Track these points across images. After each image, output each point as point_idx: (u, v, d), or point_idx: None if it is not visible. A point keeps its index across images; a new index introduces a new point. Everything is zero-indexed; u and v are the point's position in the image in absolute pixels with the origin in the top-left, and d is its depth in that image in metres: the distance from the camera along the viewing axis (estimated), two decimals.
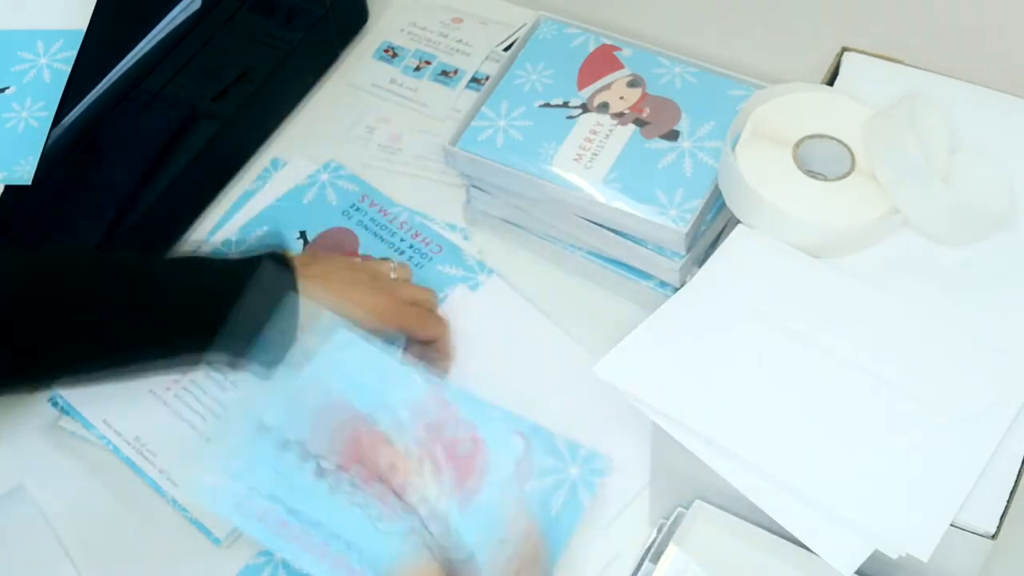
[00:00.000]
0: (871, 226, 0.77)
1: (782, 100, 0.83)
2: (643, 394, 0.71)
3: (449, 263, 0.96)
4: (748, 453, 0.68)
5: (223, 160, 1.04)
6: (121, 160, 0.93)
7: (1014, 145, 0.80)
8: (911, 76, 0.84)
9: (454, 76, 1.09)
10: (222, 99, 1.01)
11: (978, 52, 0.87)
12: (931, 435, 0.68)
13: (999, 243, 0.76)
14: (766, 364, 0.72)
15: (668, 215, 0.85)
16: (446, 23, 1.13)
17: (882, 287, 0.75)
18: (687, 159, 0.88)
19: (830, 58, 0.86)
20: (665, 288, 0.90)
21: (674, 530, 0.75)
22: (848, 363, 0.71)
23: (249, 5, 0.99)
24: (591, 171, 0.88)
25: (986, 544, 0.65)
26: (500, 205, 0.95)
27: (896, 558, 0.65)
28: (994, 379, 0.70)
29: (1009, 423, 0.68)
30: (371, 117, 1.08)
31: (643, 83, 0.92)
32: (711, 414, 0.70)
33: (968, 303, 0.74)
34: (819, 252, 0.77)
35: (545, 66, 0.94)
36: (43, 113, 0.85)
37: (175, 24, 0.93)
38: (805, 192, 0.78)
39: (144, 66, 0.91)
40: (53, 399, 0.90)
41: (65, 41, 0.88)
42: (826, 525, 0.66)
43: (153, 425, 0.88)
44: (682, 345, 0.74)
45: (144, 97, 0.92)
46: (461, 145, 0.91)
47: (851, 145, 0.80)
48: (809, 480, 0.67)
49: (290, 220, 0.99)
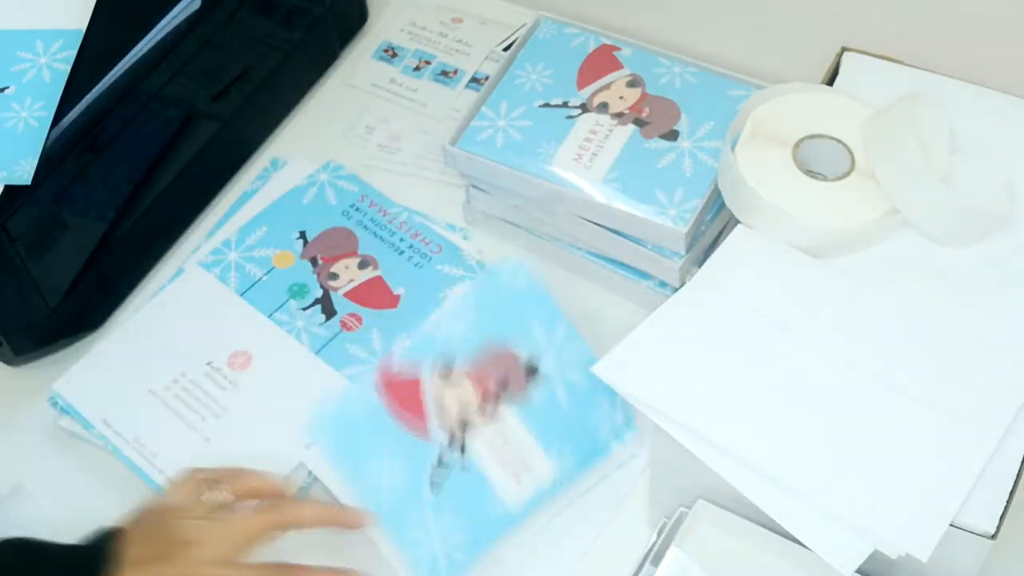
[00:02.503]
0: (871, 226, 0.77)
1: (782, 100, 0.83)
2: (643, 394, 0.71)
3: (449, 263, 0.96)
4: (748, 453, 0.68)
5: (223, 160, 1.04)
6: (121, 160, 0.93)
7: (1014, 145, 0.80)
8: (911, 76, 0.84)
9: (454, 76, 1.09)
10: (222, 99, 1.01)
11: (978, 52, 0.87)
12: (931, 435, 0.68)
13: (999, 243, 0.76)
14: (765, 364, 0.72)
15: (668, 215, 0.85)
16: (446, 23, 1.13)
17: (882, 287, 0.75)
18: (687, 159, 0.88)
19: (830, 58, 0.86)
20: (665, 288, 0.90)
21: (675, 531, 0.75)
22: (847, 363, 0.71)
23: (249, 5, 0.99)
24: (591, 171, 0.88)
25: (986, 544, 0.65)
26: (500, 205, 0.95)
27: (896, 558, 0.65)
28: (994, 379, 0.70)
29: (1009, 423, 0.68)
30: (371, 117, 1.08)
31: (643, 83, 0.92)
32: (711, 414, 0.70)
33: (968, 303, 0.74)
34: (819, 252, 0.77)
35: (545, 66, 0.94)
36: (43, 113, 0.85)
37: (175, 24, 0.93)
38: (805, 192, 0.78)
39: (144, 66, 0.91)
40: (53, 399, 0.90)
41: (65, 41, 0.88)
42: (826, 525, 0.66)
43: (153, 425, 0.88)
44: (682, 345, 0.74)
45: (144, 97, 0.92)
46: (461, 145, 0.91)
47: (851, 145, 0.80)
48: (809, 480, 0.67)
49: (289, 220, 0.99)
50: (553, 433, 0.82)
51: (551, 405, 0.83)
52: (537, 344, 0.83)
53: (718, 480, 0.69)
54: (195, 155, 0.99)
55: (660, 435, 0.71)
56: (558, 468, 0.82)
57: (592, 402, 0.83)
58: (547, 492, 0.82)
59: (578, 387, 0.83)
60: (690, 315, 0.75)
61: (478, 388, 0.83)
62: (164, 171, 0.97)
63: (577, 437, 0.83)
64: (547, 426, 0.82)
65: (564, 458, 0.82)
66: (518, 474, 0.81)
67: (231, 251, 0.98)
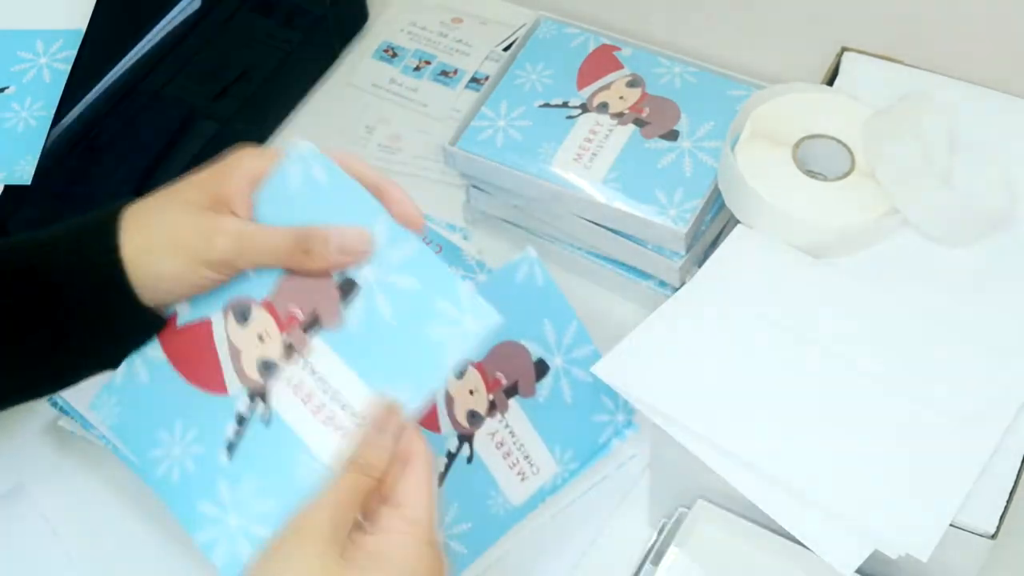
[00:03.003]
0: (871, 226, 0.77)
1: (782, 100, 0.83)
2: (643, 394, 0.71)
3: (449, 263, 0.96)
4: (748, 453, 0.68)
5: None
6: (121, 160, 0.93)
7: (1014, 145, 0.80)
8: (911, 76, 0.84)
9: (454, 76, 1.09)
10: (222, 99, 1.01)
11: (978, 52, 0.87)
12: (931, 435, 0.68)
13: (999, 243, 0.76)
14: (765, 364, 0.72)
15: (668, 215, 0.85)
16: (446, 23, 1.13)
17: (882, 287, 0.75)
18: (687, 159, 0.88)
19: (830, 58, 0.86)
20: (665, 288, 0.90)
21: (676, 530, 0.75)
22: (847, 363, 0.71)
23: (249, 5, 1.00)
24: (591, 171, 0.88)
25: (986, 544, 0.65)
26: (500, 205, 0.95)
27: (896, 558, 0.65)
28: (994, 379, 0.70)
29: (1009, 423, 0.68)
30: (371, 117, 1.08)
31: (643, 83, 0.92)
32: (711, 414, 0.70)
33: (968, 303, 0.74)
34: (819, 252, 0.77)
35: (545, 66, 0.94)
36: (43, 113, 0.85)
37: (175, 24, 0.93)
38: (805, 192, 0.78)
39: (144, 66, 0.91)
40: (53, 399, 0.90)
41: (65, 41, 0.88)
42: (826, 525, 0.66)
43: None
44: (682, 345, 0.74)
45: (144, 97, 0.92)
46: (461, 145, 0.91)
47: (851, 145, 0.80)
48: (808, 480, 0.67)
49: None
50: (557, 430, 0.82)
51: (557, 402, 0.83)
52: (548, 343, 0.83)
53: (718, 480, 0.69)
54: (195, 155, 0.99)
55: (660, 435, 0.71)
56: (560, 464, 0.82)
57: (595, 400, 0.83)
58: (548, 488, 0.82)
59: (583, 385, 0.83)
60: (690, 315, 0.75)
61: (487, 381, 0.80)
62: (164, 171, 0.97)
63: (579, 434, 0.83)
64: (551, 422, 0.82)
65: (566, 454, 0.82)
66: (522, 471, 0.81)
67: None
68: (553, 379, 0.83)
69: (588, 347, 0.83)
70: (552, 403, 0.82)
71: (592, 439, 0.83)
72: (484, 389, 0.81)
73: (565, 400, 0.83)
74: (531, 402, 0.82)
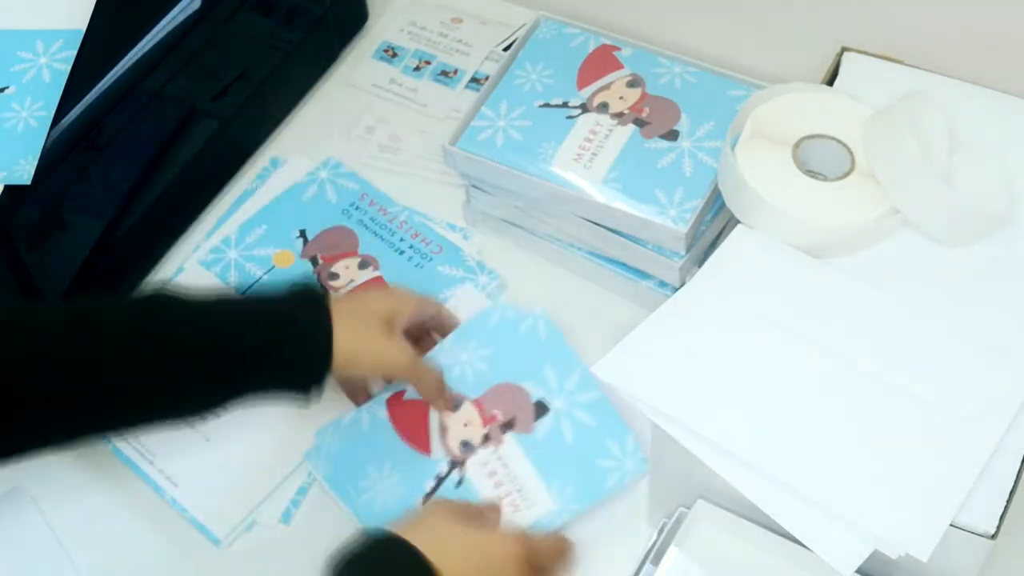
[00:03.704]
0: (871, 226, 0.77)
1: (782, 100, 0.83)
2: (643, 394, 0.71)
3: (449, 263, 0.96)
4: (747, 453, 0.68)
5: (223, 159, 1.04)
6: (121, 160, 0.93)
7: (1014, 145, 0.80)
8: (911, 76, 0.84)
9: (454, 76, 1.09)
10: (222, 99, 1.01)
11: (978, 52, 0.87)
12: (931, 435, 0.68)
13: (999, 243, 0.76)
14: (765, 364, 0.72)
15: (668, 215, 0.85)
16: (446, 23, 1.13)
17: (882, 287, 0.75)
18: (687, 159, 0.88)
19: (830, 58, 0.86)
20: (665, 288, 0.90)
21: (675, 530, 0.75)
22: (847, 363, 0.71)
23: (249, 5, 0.99)
24: (591, 171, 0.88)
25: (986, 544, 0.65)
26: (500, 205, 0.95)
27: (896, 558, 0.65)
28: (994, 379, 0.70)
29: (1009, 423, 0.68)
30: (371, 117, 1.08)
31: (643, 83, 0.92)
32: (711, 414, 0.70)
33: (968, 303, 0.74)
34: (819, 252, 0.77)
35: (545, 66, 0.94)
36: (43, 113, 0.85)
37: (175, 24, 0.93)
38: (805, 192, 0.78)
39: (144, 66, 0.91)
40: None
41: (65, 41, 0.88)
42: (826, 525, 0.66)
43: None
44: (682, 345, 0.74)
45: (144, 96, 0.92)
46: (461, 145, 0.91)
47: (851, 145, 0.80)
48: (808, 480, 0.67)
49: (289, 218, 0.99)
50: (555, 468, 0.82)
51: (556, 441, 0.83)
52: (549, 387, 0.84)
53: (718, 480, 0.69)
54: (195, 155, 0.99)
55: (660, 435, 0.71)
56: (558, 502, 0.81)
57: (600, 444, 0.83)
58: (544, 525, 0.81)
59: (587, 427, 0.83)
60: (690, 315, 0.75)
61: (483, 416, 0.84)
62: (164, 171, 0.97)
63: (580, 474, 0.82)
64: (549, 459, 0.82)
65: (565, 493, 0.81)
66: (515, 502, 0.81)
67: (231, 249, 0.98)
68: (553, 419, 0.83)
69: (595, 392, 0.84)
70: (551, 441, 0.83)
71: (597, 482, 0.82)
72: (480, 423, 0.84)
73: (565, 440, 0.83)
74: (528, 438, 0.83)
